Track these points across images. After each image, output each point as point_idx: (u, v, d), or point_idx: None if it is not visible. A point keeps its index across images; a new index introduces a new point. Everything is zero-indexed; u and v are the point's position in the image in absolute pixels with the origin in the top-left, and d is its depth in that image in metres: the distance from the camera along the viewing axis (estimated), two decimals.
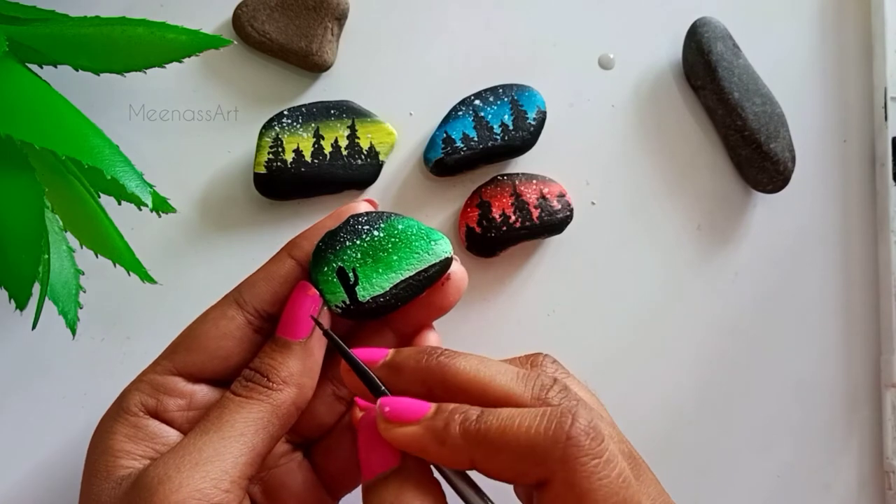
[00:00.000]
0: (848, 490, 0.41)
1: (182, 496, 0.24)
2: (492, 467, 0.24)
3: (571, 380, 0.28)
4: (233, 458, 0.25)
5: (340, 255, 0.29)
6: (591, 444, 0.23)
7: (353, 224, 0.29)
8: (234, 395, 0.27)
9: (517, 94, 0.38)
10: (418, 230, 0.29)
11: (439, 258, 0.29)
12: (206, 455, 0.25)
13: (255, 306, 0.29)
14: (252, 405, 0.27)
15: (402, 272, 0.29)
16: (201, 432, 0.26)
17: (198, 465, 0.25)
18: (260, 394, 0.27)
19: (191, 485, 0.24)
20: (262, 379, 0.27)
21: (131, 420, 0.27)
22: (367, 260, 0.29)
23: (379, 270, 0.29)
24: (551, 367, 0.28)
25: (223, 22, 0.39)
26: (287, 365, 0.27)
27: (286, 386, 0.27)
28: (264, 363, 0.28)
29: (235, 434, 0.26)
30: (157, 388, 0.28)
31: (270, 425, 0.27)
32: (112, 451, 0.26)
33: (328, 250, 0.29)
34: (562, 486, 0.23)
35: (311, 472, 0.31)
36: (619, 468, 0.23)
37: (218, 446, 0.25)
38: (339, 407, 0.31)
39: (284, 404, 0.27)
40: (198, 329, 0.28)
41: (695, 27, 0.40)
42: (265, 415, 0.27)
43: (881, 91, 0.42)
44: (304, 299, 0.28)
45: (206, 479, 0.25)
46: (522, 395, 0.25)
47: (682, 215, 0.41)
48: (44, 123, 0.28)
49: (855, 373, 0.41)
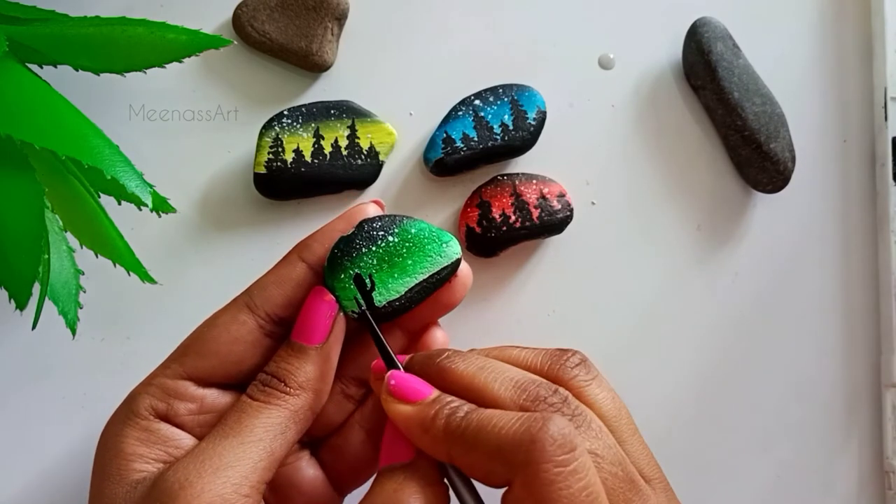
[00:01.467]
0: (848, 490, 0.41)
1: (204, 501, 0.24)
2: (465, 463, 0.25)
3: (594, 386, 0.28)
4: (252, 463, 0.26)
5: (357, 262, 0.29)
6: (555, 450, 0.23)
7: (368, 230, 0.29)
8: (252, 400, 0.27)
9: (517, 94, 0.38)
10: (430, 233, 0.30)
11: (451, 260, 0.30)
12: (226, 460, 0.25)
13: (267, 311, 0.29)
14: (270, 410, 0.27)
15: (416, 276, 0.29)
16: (220, 437, 0.26)
17: (218, 470, 0.25)
18: (277, 399, 0.27)
19: (213, 490, 0.24)
20: (280, 384, 0.27)
21: (142, 423, 0.27)
22: (382, 266, 0.29)
23: (395, 275, 0.29)
24: (573, 370, 0.28)
25: (223, 22, 0.39)
26: (304, 370, 0.28)
27: (303, 391, 0.27)
28: (281, 368, 0.28)
29: (254, 439, 0.26)
30: (167, 391, 0.28)
31: (288, 430, 0.27)
32: (124, 454, 0.27)
33: (345, 257, 0.29)
34: (521, 489, 0.23)
35: (319, 469, 0.31)
36: (587, 483, 0.23)
37: (238, 451, 0.26)
38: (348, 405, 0.31)
39: (302, 409, 0.27)
40: (208, 333, 0.28)
41: (695, 27, 0.40)
42: (283, 420, 0.27)
43: (881, 91, 0.42)
44: (321, 305, 0.28)
45: (227, 485, 0.25)
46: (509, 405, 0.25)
47: (682, 215, 0.41)
48: (44, 123, 0.28)
49: (855, 373, 0.41)
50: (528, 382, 0.26)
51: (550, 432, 0.23)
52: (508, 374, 0.26)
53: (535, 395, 0.25)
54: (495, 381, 0.26)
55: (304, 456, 0.31)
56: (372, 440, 0.30)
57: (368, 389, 0.31)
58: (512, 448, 0.23)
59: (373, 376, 0.29)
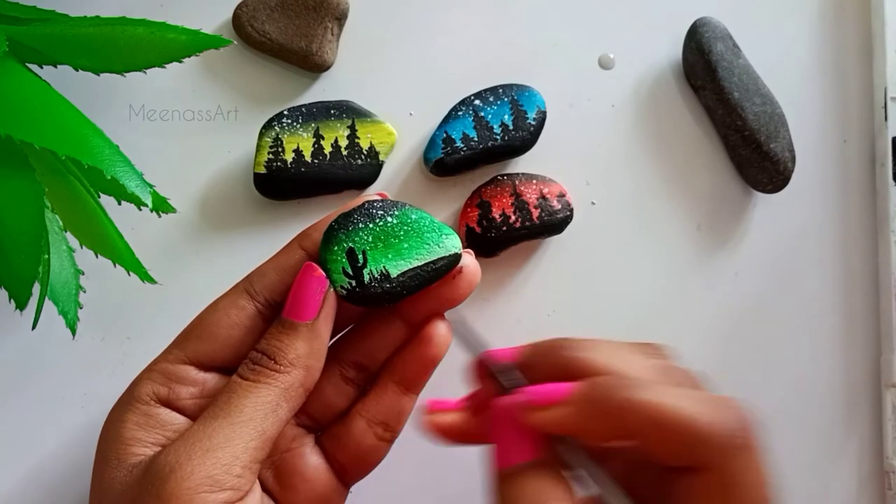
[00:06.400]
0: (848, 490, 0.41)
1: (194, 482, 0.24)
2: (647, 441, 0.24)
3: None
4: (243, 444, 0.25)
5: (352, 236, 0.29)
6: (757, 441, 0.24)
7: (368, 208, 0.29)
8: (242, 380, 0.27)
9: (517, 94, 0.38)
10: (430, 223, 0.29)
11: (449, 252, 0.29)
12: (216, 441, 0.25)
13: (266, 296, 0.29)
14: (260, 389, 0.27)
15: (410, 260, 0.29)
16: (211, 418, 0.26)
17: (208, 451, 0.25)
18: (267, 377, 0.27)
19: (202, 471, 0.24)
20: (269, 361, 0.27)
21: (142, 409, 0.27)
22: (377, 244, 0.29)
23: (388, 256, 0.29)
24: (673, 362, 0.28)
25: (223, 22, 0.39)
26: (294, 347, 0.27)
27: (293, 368, 0.27)
28: (271, 345, 0.28)
29: (244, 419, 0.26)
30: (168, 376, 0.28)
31: (279, 408, 0.27)
32: (123, 439, 0.27)
33: (340, 230, 0.29)
34: (717, 474, 0.23)
35: (323, 457, 0.31)
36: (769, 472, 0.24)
37: (228, 432, 0.26)
38: (348, 389, 0.31)
39: (293, 387, 0.27)
40: (208, 318, 0.29)
41: (695, 27, 0.40)
42: (273, 398, 0.27)
43: (881, 91, 0.42)
44: (311, 280, 0.28)
45: (217, 465, 0.25)
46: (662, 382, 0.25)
47: (682, 215, 0.41)
48: (44, 123, 0.28)
49: (855, 373, 0.41)
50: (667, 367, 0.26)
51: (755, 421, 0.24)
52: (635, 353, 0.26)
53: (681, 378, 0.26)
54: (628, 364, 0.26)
55: (308, 442, 0.31)
56: (373, 430, 0.30)
57: (368, 374, 0.31)
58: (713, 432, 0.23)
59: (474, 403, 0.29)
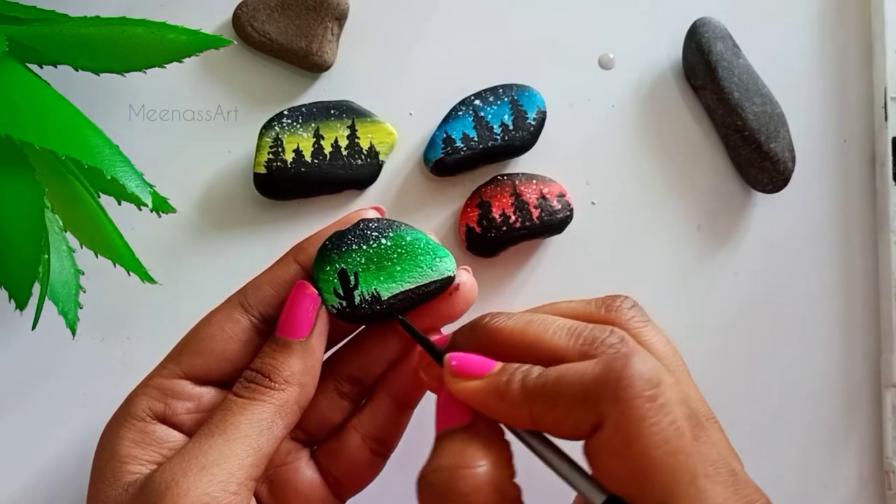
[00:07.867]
0: (848, 490, 0.41)
1: (190, 500, 0.24)
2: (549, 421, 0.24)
3: (649, 329, 0.28)
4: (238, 461, 0.26)
5: (345, 257, 0.29)
6: (643, 385, 0.23)
7: (363, 228, 0.29)
8: (237, 397, 0.27)
9: (517, 94, 0.38)
10: (425, 245, 0.29)
11: (441, 276, 0.29)
12: (212, 458, 0.25)
13: (261, 310, 0.29)
14: (255, 406, 0.27)
15: (402, 283, 0.29)
16: (206, 435, 0.26)
17: (204, 468, 0.25)
18: (262, 394, 0.27)
19: (198, 489, 0.24)
20: (264, 379, 0.27)
21: (138, 425, 0.27)
22: (370, 266, 0.29)
23: (380, 278, 0.29)
24: (628, 311, 0.28)
25: (223, 22, 0.39)
26: (288, 364, 0.28)
27: (288, 385, 0.27)
28: (265, 363, 0.28)
29: (240, 436, 0.26)
30: (164, 391, 0.28)
31: (274, 425, 0.27)
32: (119, 456, 0.27)
33: (334, 250, 0.29)
34: (611, 429, 0.23)
35: (317, 473, 0.31)
36: (673, 417, 0.23)
37: (223, 449, 0.26)
38: (343, 403, 0.31)
39: (287, 404, 0.27)
40: (203, 332, 0.29)
41: (695, 27, 0.40)
42: (268, 415, 0.27)
43: (881, 91, 0.42)
44: (304, 298, 0.28)
45: (213, 483, 0.25)
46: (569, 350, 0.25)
47: (682, 215, 0.41)
48: (44, 123, 0.28)
49: (855, 373, 0.41)
50: (581, 328, 0.26)
51: (636, 368, 0.23)
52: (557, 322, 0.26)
53: (592, 338, 0.25)
54: (546, 331, 0.26)
55: (303, 456, 0.31)
56: (368, 445, 0.30)
57: (363, 389, 0.31)
58: (598, 390, 0.23)
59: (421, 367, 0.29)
